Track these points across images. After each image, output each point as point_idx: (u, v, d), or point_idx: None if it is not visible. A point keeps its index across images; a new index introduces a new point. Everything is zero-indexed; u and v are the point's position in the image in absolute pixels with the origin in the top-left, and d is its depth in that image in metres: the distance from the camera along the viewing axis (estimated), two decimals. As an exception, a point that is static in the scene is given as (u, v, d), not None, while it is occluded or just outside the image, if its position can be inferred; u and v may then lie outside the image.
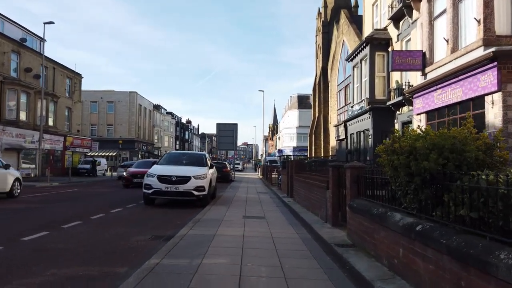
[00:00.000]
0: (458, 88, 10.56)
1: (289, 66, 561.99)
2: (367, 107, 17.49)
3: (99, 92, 58.72)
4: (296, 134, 58.69)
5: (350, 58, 20.51)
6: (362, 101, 18.53)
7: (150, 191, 10.90)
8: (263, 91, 44.15)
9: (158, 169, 11.44)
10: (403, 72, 16.28)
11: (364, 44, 18.14)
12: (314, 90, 40.84)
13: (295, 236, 6.92)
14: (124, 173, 20.39)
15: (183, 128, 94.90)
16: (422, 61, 12.70)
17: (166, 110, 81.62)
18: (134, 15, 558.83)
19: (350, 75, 23.18)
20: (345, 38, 26.19)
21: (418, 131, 4.53)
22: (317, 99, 39.04)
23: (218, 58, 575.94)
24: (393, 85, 16.81)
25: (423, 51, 12.78)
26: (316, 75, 40.67)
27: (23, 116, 30.41)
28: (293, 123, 59.78)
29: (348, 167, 6.39)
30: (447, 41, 11.40)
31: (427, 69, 12.54)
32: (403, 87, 15.77)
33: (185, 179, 10.89)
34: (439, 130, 4.30)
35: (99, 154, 48.64)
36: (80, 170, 35.09)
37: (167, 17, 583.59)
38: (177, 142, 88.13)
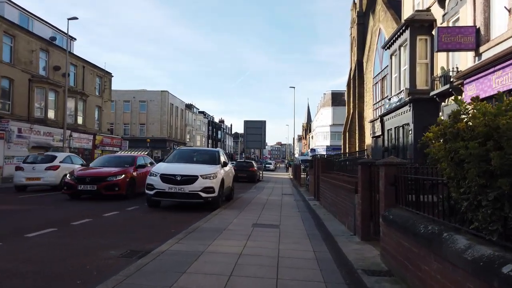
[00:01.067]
0: (526, 67, 8.44)
1: (324, 65, 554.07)
2: (407, 98, 15.36)
3: (132, 91, 59.16)
4: (330, 133, 56.27)
5: (388, 45, 18.37)
6: (401, 92, 16.38)
7: (152, 192, 9.54)
8: (294, 87, 42.38)
9: (162, 167, 10.07)
10: (450, 57, 14.07)
11: (403, 28, 16.00)
12: (348, 85, 38.51)
13: (310, 255, 5.23)
14: (68, 176, 12.49)
15: (215, 128, 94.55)
16: (475, 38, 10.57)
17: (198, 109, 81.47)
18: (170, 18, 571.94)
19: (387, 66, 20.98)
20: (381, 26, 23.93)
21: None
22: (351, 95, 36.73)
23: (252, 59, 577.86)
24: (438, 72, 14.60)
25: (477, 27, 10.64)
26: (350, 69, 38.34)
27: (51, 114, 30.36)
28: (326, 121, 57.42)
29: (382, 164, 4.65)
30: (509, 10, 9.26)
31: (482, 48, 10.40)
32: (450, 74, 13.57)
33: (191, 179, 9.40)
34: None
35: (130, 153, 48.65)
36: (108, 169, 34.89)
37: (202, 19, 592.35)
38: (210, 142, 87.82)
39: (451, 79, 13.10)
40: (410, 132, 15.17)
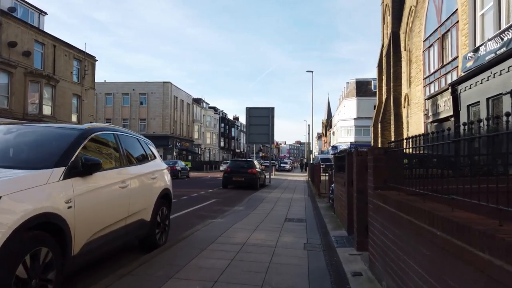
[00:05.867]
0: None
1: (344, 62, 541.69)
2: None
3: (131, 83, 53.10)
4: (355, 127, 48.50)
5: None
6: (507, 29, 8.91)
7: None
8: (312, 71, 35.05)
9: None
10: None
11: None
12: (379, 65, 30.95)
13: None
14: None
15: (228, 125, 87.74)
16: None
17: (208, 104, 74.95)
18: (189, 18, 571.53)
19: (454, 12, 13.52)
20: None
21: None
22: (384, 77, 29.14)
23: (271, 57, 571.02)
24: None
25: None
26: (382, 46, 30.76)
27: (3, 101, 24.09)
28: (350, 113, 49.64)
29: None
30: None
31: None
32: None
33: None
34: None
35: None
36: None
37: (220, 19, 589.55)
38: (222, 139, 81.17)
39: None
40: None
